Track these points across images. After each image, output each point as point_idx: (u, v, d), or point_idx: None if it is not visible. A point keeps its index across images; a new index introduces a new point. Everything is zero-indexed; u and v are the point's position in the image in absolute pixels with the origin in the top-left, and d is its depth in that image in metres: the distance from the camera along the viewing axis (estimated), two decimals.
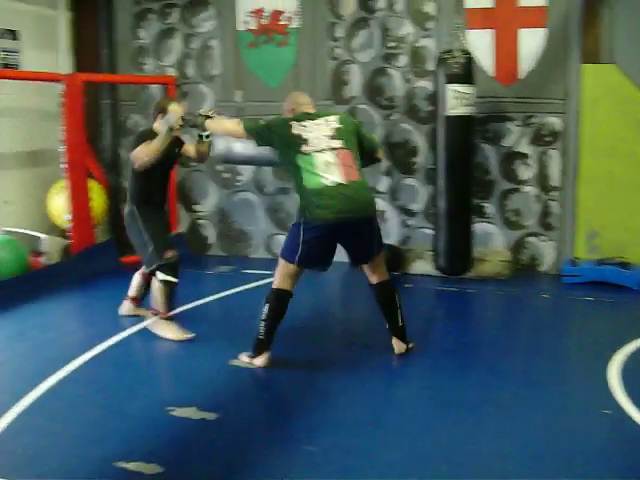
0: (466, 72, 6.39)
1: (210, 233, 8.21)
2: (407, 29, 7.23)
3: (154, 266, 5.11)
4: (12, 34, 7.34)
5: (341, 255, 4.69)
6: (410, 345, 4.88)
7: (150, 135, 5.11)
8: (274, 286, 4.61)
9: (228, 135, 4.94)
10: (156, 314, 5.21)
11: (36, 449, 3.62)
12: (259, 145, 4.69)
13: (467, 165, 6.63)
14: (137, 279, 5.63)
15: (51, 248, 7.07)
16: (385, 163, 7.37)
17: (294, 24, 7.56)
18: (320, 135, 4.51)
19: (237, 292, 6.49)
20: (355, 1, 7.36)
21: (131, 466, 3.39)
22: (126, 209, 5.30)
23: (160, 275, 5.10)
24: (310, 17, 7.50)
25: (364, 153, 4.72)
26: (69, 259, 7.04)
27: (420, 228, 7.41)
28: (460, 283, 6.69)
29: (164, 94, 7.86)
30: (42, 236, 7.11)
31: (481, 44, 6.91)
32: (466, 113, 6.44)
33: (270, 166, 7.47)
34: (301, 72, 7.33)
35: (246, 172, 7.94)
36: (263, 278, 6.79)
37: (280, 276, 4.60)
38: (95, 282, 6.67)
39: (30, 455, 3.56)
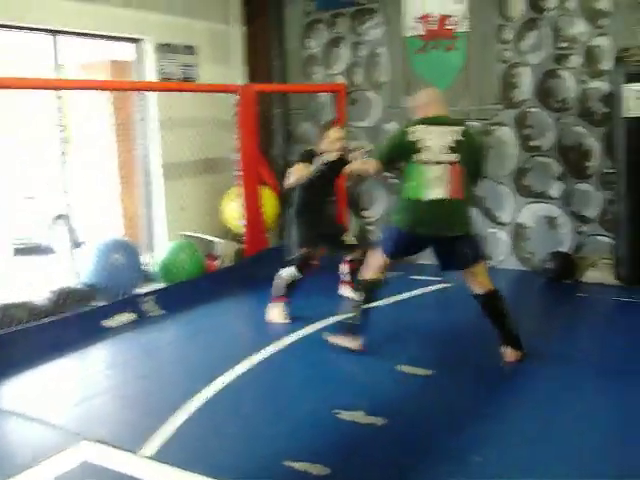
0: None
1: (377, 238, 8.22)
2: (579, 28, 6.88)
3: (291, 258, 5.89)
4: (190, 49, 7.69)
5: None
6: (524, 351, 4.71)
7: (312, 155, 5.82)
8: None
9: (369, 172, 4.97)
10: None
11: (208, 445, 3.75)
12: (390, 167, 4.87)
13: None
14: (344, 267, 6.37)
15: (225, 252, 7.34)
16: (558, 168, 7.10)
17: (462, 28, 7.41)
18: (440, 144, 4.47)
19: (404, 299, 6.42)
20: (524, 1, 7.13)
21: (298, 466, 3.43)
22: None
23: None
24: (478, 20, 7.33)
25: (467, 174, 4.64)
26: (242, 262, 7.26)
27: (594, 235, 7.04)
28: (638, 293, 6.29)
29: (332, 101, 7.98)
30: (217, 240, 7.39)
31: None
32: None
33: None
34: (469, 76, 7.18)
35: None
36: (431, 284, 6.71)
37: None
38: (266, 286, 6.76)
39: (202, 450, 3.68)
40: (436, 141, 4.46)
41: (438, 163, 4.44)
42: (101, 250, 6.41)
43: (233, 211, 7.46)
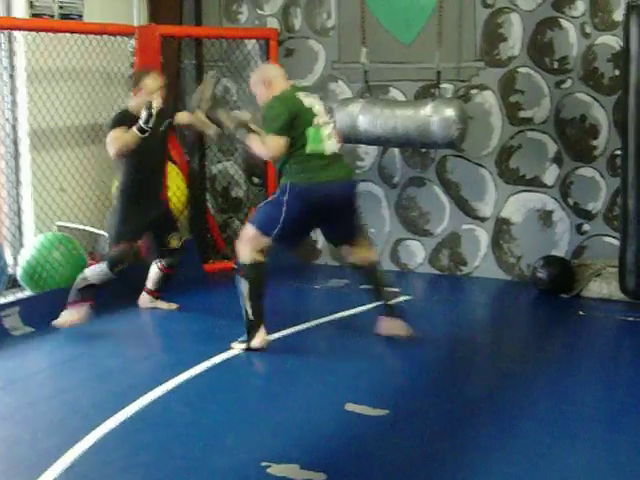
0: None
1: (320, 236, 8.20)
2: None
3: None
4: None
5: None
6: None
7: (126, 118, 6.06)
8: None
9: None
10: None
11: None
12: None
13: None
14: (154, 270, 6.60)
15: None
16: (554, 147, 7.21)
17: None
18: (320, 109, 5.73)
19: (351, 315, 6.49)
20: None
21: None
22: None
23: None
24: None
25: None
26: (138, 265, 7.17)
27: (600, 235, 7.21)
28: None
29: (261, 52, 7.97)
30: (106, 234, 7.28)
31: None
32: None
33: (408, 147, 7.41)
34: (443, 24, 7.21)
35: (368, 156, 7.97)
36: None
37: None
38: (171, 295, 6.76)
39: None
40: (317, 107, 5.70)
41: (326, 124, 5.70)
42: None
43: None
